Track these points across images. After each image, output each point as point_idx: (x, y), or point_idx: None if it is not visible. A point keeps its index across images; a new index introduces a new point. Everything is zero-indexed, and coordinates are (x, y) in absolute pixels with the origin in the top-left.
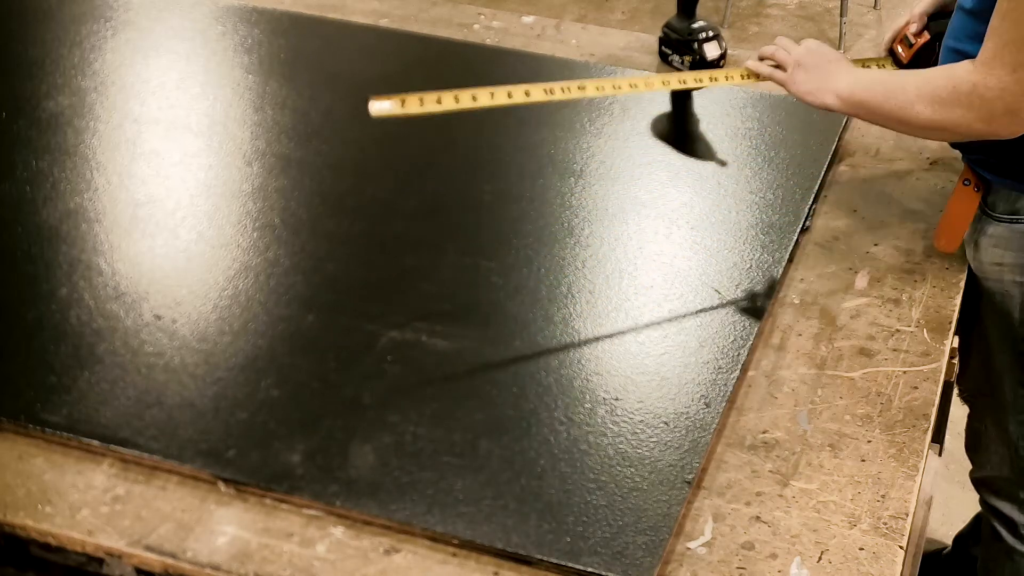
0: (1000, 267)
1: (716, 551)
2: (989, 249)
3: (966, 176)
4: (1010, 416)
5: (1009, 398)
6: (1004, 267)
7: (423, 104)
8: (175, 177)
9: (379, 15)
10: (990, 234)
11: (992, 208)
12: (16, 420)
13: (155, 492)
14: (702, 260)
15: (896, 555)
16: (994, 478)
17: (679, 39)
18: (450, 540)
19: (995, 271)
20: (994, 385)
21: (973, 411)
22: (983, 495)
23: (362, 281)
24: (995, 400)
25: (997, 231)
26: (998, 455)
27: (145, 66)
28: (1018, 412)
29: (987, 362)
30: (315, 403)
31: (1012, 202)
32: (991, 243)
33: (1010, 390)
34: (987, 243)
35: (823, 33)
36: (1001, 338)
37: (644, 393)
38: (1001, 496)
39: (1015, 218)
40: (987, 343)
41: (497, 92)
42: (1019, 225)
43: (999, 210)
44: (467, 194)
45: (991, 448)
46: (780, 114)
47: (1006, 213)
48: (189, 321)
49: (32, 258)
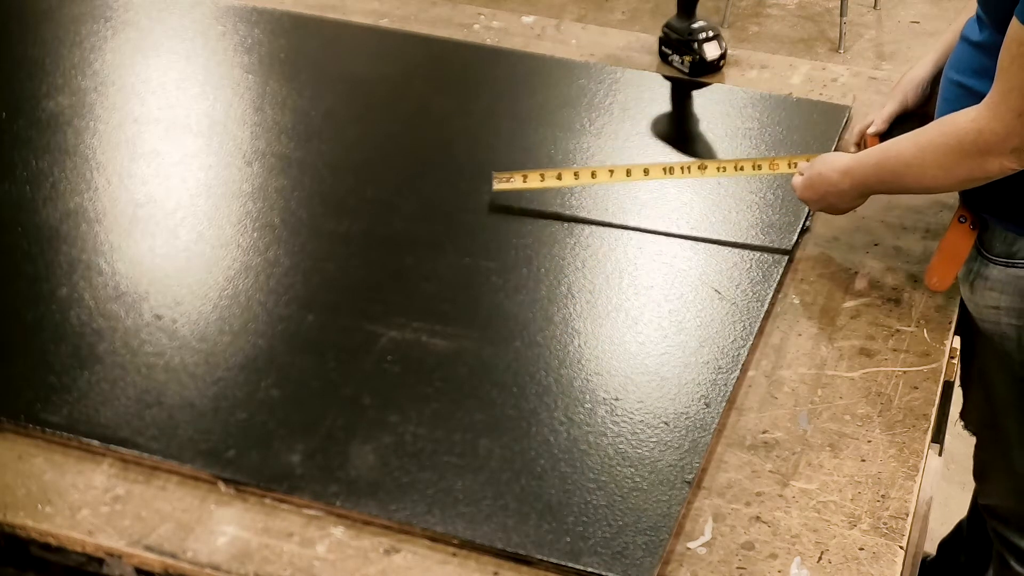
0: (996, 310)
1: (716, 551)
2: (985, 292)
3: (962, 213)
4: (1015, 451)
5: (1013, 434)
6: (1000, 310)
7: (544, 180)
8: (175, 177)
9: (379, 15)
10: (985, 276)
11: (988, 249)
12: (16, 420)
13: (155, 492)
14: (702, 260)
15: (896, 555)
16: (1002, 507)
17: (679, 39)
18: (450, 540)
19: (991, 314)
20: (997, 420)
21: (979, 442)
22: (991, 523)
23: (362, 281)
24: (999, 434)
25: (993, 273)
26: (1004, 486)
27: (145, 66)
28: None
29: (989, 398)
30: (315, 403)
31: (1009, 244)
32: (986, 285)
33: (1014, 427)
34: (982, 285)
35: (823, 33)
36: (1002, 376)
37: (644, 393)
38: (1010, 526)
39: (1011, 261)
40: (988, 379)
41: (617, 170)
42: (1015, 269)
43: (995, 251)
44: (467, 194)
45: (998, 479)
46: (780, 114)
47: (1002, 256)
48: (189, 321)
49: (32, 258)
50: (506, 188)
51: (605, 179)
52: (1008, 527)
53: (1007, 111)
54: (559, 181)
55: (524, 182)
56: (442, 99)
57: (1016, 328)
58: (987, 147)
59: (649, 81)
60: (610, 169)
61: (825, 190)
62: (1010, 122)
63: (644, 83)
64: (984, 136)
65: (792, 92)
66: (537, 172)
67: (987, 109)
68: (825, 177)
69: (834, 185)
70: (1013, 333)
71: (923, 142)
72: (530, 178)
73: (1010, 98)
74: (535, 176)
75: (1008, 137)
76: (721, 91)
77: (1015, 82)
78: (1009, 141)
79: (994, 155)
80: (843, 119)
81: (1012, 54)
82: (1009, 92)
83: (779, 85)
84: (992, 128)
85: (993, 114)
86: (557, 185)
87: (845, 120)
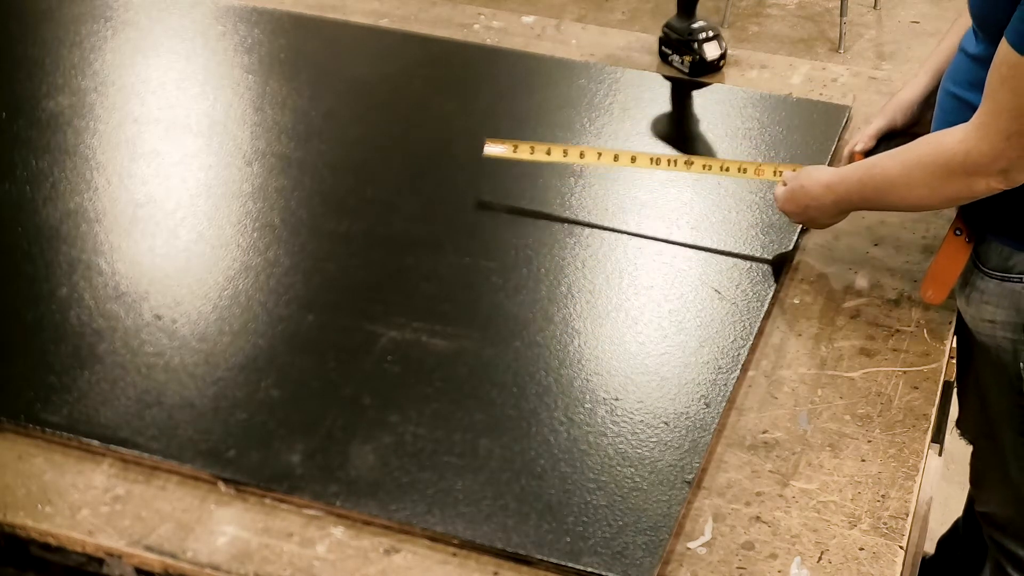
0: (992, 324)
1: (716, 551)
2: (980, 306)
3: (957, 226)
4: (1011, 461)
5: (1009, 444)
6: (996, 324)
7: (533, 152)
8: (175, 177)
9: (379, 15)
10: (981, 289)
11: (984, 262)
12: (16, 420)
13: (155, 492)
14: (702, 260)
15: (896, 555)
16: (998, 515)
17: (679, 39)
18: (450, 540)
19: (987, 327)
20: (993, 430)
21: (975, 451)
22: (987, 530)
23: (362, 281)
24: (995, 444)
25: (988, 287)
26: (1001, 495)
27: (145, 66)
28: (1018, 458)
29: (984, 409)
30: (315, 403)
31: (1004, 258)
32: (982, 299)
33: (1009, 437)
34: (978, 298)
35: (823, 33)
36: (997, 388)
37: (644, 393)
38: (1007, 534)
39: (1007, 276)
40: (984, 390)
41: (605, 153)
42: (1010, 283)
43: (991, 265)
44: (467, 194)
45: (994, 488)
46: (780, 114)
47: (997, 269)
48: (189, 321)
49: (32, 258)
50: (495, 155)
51: (592, 160)
52: (1005, 535)
53: (995, 133)
54: (548, 156)
55: (514, 152)
56: (442, 99)
57: (1012, 341)
58: (975, 168)
59: (649, 81)
60: (598, 151)
61: (807, 203)
62: (997, 144)
63: (644, 83)
64: (972, 157)
65: (792, 92)
66: (528, 144)
67: (975, 130)
68: (808, 190)
69: (816, 199)
70: (1009, 346)
71: (909, 160)
72: (520, 148)
73: (999, 120)
74: (525, 148)
75: (996, 159)
76: (721, 91)
77: (1004, 104)
78: (997, 163)
79: (981, 176)
80: (843, 119)
81: (1002, 75)
82: (998, 114)
83: (779, 85)
84: (980, 149)
85: (981, 135)
86: (544, 160)
87: (845, 120)
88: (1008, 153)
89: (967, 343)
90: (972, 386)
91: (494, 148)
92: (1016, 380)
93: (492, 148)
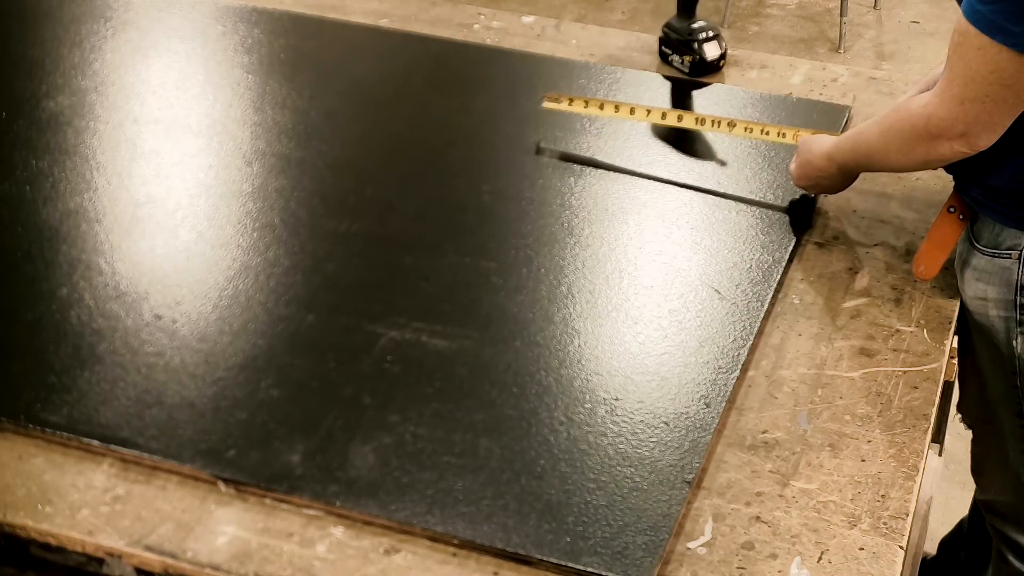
0: (984, 302)
1: (716, 551)
2: (972, 283)
3: (952, 203)
4: (1009, 445)
5: (1007, 428)
6: (988, 302)
7: (587, 106)
8: (175, 177)
9: (379, 15)
10: (974, 266)
11: (977, 238)
12: (16, 420)
13: (155, 492)
14: (702, 260)
15: (896, 555)
16: (999, 502)
17: (679, 39)
18: (450, 540)
19: (979, 305)
20: (992, 414)
21: (975, 436)
22: (989, 519)
23: (362, 281)
24: (994, 428)
25: (980, 263)
26: (1001, 481)
27: (145, 66)
28: (1017, 441)
29: (983, 391)
30: (315, 403)
31: (995, 234)
32: (974, 276)
33: (1007, 420)
34: (971, 275)
35: (823, 33)
36: (993, 369)
37: (644, 393)
38: (1007, 521)
39: (997, 252)
40: (981, 372)
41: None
42: (1000, 259)
43: (982, 241)
44: (467, 194)
45: (994, 474)
46: (780, 114)
47: (988, 245)
48: (189, 321)
49: (32, 258)
50: (554, 107)
51: (642, 117)
52: (1006, 522)
53: (950, 98)
54: (600, 111)
55: (570, 105)
56: (442, 99)
57: (1003, 319)
58: (937, 132)
59: (649, 81)
60: (647, 109)
61: (816, 175)
62: (953, 108)
63: (644, 83)
64: (933, 122)
65: (792, 92)
66: (582, 99)
67: (934, 95)
68: (813, 163)
69: (822, 170)
70: (1001, 325)
71: (884, 126)
72: (575, 102)
73: (953, 86)
74: (580, 102)
75: (953, 123)
76: (721, 91)
77: (956, 70)
78: (955, 127)
79: (944, 139)
80: (843, 119)
81: (954, 43)
82: (952, 80)
83: (779, 85)
84: (939, 114)
85: (939, 101)
86: (597, 114)
87: (845, 120)
88: (964, 117)
89: (967, 327)
90: (971, 369)
91: (551, 103)
92: (1009, 360)
93: (549, 103)
